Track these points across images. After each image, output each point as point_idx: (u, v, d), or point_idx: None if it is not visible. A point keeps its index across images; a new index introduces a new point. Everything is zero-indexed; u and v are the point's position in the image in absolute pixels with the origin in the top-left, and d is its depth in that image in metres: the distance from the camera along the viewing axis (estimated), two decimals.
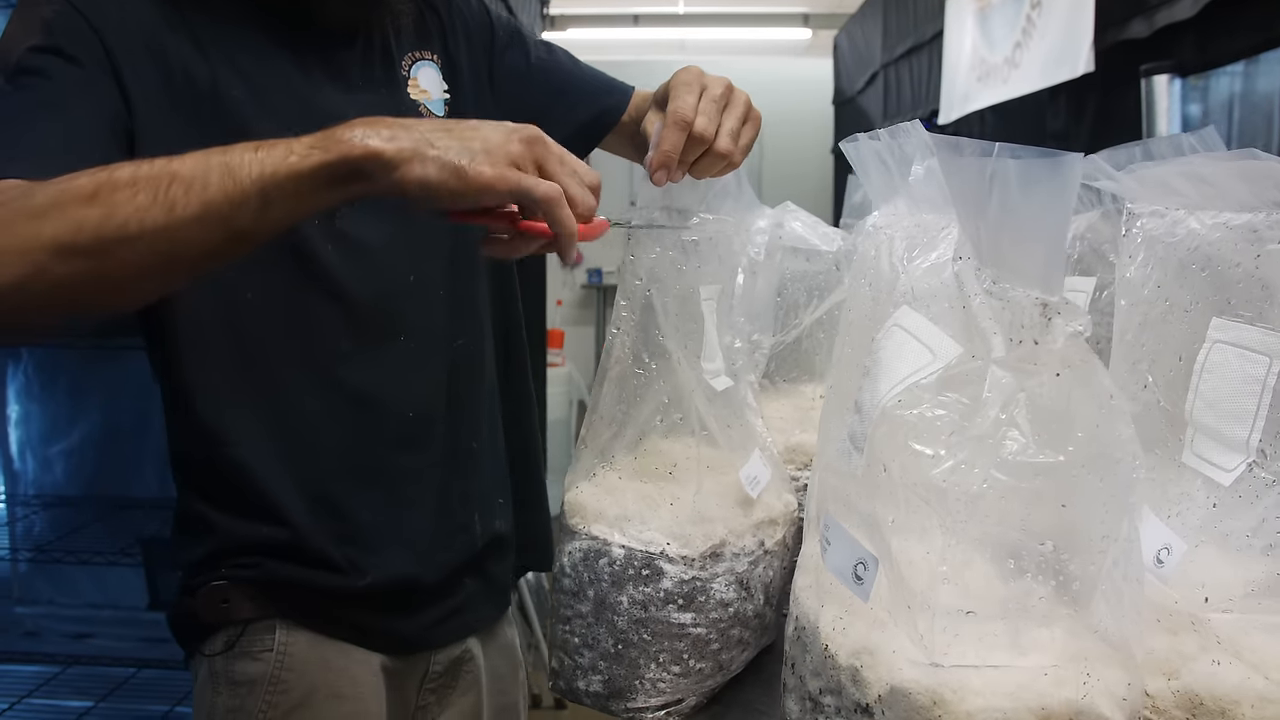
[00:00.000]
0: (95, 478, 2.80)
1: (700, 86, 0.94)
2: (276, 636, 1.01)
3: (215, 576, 1.01)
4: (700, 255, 0.97)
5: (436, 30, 1.13)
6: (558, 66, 1.22)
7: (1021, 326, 0.50)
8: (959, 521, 0.53)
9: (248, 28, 0.97)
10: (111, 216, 0.69)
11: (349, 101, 1.01)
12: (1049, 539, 0.51)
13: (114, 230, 0.69)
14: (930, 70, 3.65)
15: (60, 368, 2.81)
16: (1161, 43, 2.01)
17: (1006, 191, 0.49)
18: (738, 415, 1.00)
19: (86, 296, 0.72)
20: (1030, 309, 0.50)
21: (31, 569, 2.80)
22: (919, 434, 0.57)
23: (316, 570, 1.01)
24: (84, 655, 2.64)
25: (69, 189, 0.71)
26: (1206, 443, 0.68)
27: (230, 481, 1.00)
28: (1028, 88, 2.58)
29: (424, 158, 0.72)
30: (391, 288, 1.04)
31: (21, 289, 0.69)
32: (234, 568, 1.01)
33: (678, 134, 0.90)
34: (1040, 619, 0.54)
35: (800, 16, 7.27)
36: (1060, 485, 0.50)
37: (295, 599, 1.02)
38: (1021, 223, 0.48)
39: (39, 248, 0.69)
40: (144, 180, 0.71)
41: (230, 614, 1.01)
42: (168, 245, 0.71)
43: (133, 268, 0.72)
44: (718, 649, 0.95)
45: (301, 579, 1.01)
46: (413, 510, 1.07)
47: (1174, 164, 0.73)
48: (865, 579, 0.63)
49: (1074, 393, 0.51)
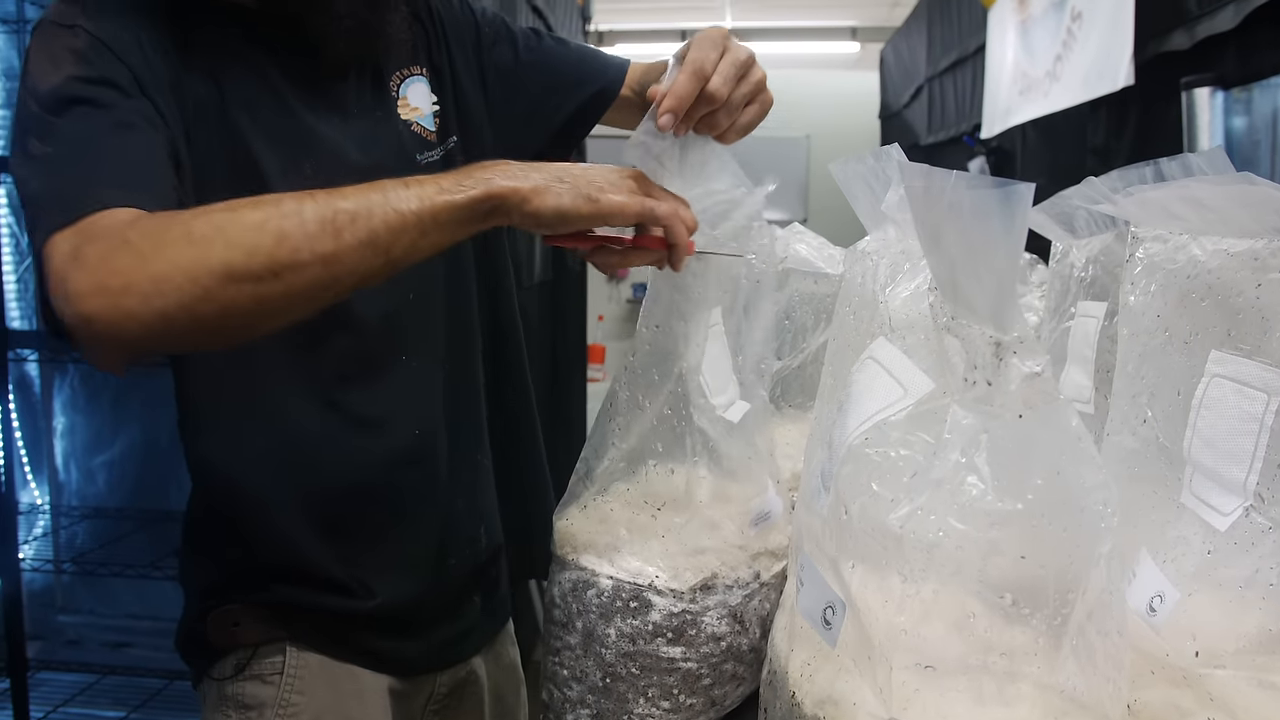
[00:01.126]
0: (135, 489, 2.85)
1: (724, 48, 0.93)
2: (286, 659, 1.00)
3: (225, 600, 1.01)
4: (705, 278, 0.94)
5: (422, 42, 1.12)
6: (547, 57, 1.21)
7: (975, 366, 0.48)
8: (916, 570, 0.50)
9: (252, 59, 0.97)
10: (283, 243, 0.72)
11: (346, 129, 1.02)
12: (1008, 591, 0.48)
13: (287, 256, 0.72)
14: (974, 84, 3.58)
15: (104, 381, 2.87)
16: (1203, 55, 1.95)
17: (961, 223, 0.46)
18: (750, 445, 0.97)
19: (250, 320, 0.75)
20: (984, 347, 0.47)
21: (73, 579, 2.85)
22: (881, 475, 0.54)
23: (326, 594, 1.01)
24: (120, 665, 2.67)
25: (236, 217, 0.73)
26: (1204, 483, 0.64)
27: (237, 505, 0.99)
28: (1068, 101, 2.52)
29: (556, 190, 0.81)
30: (393, 306, 1.03)
31: (190, 312, 0.71)
32: (244, 591, 1.00)
33: (693, 83, 0.89)
34: (1003, 675, 0.51)
35: (848, 30, 7.22)
36: (1019, 535, 0.47)
37: (305, 622, 1.01)
38: (975, 255, 0.46)
39: (207, 272, 0.71)
40: (311, 210, 0.74)
41: (240, 637, 1.01)
42: (332, 271, 0.74)
43: (298, 292, 0.74)
44: (709, 684, 0.92)
45: (311, 602, 1.01)
46: (420, 529, 1.07)
47: (1173, 187, 0.69)
48: (833, 624, 0.60)
49: (1036, 435, 0.48)
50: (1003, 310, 0.45)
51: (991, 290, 0.45)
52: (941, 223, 0.49)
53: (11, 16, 2.64)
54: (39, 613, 2.81)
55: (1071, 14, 2.47)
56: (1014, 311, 0.46)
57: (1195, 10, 1.95)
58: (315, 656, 1.01)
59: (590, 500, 0.96)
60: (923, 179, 0.52)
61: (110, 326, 0.70)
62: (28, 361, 2.79)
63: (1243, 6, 1.76)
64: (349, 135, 1.01)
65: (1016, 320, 0.46)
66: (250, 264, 0.72)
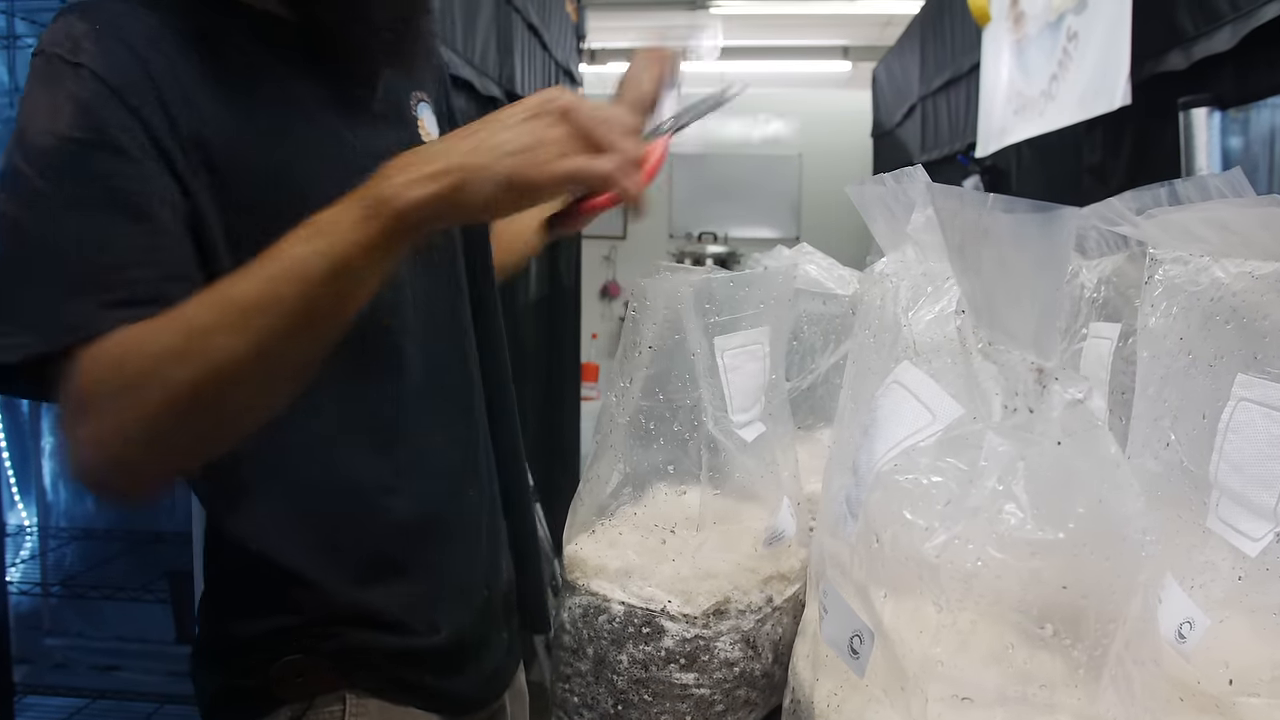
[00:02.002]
0: (125, 511, 2.82)
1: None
2: (345, 708, 0.96)
3: (281, 652, 0.95)
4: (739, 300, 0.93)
5: (430, 75, 1.13)
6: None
7: (1015, 393, 0.47)
8: (953, 599, 0.49)
9: (282, 70, 0.94)
10: (207, 368, 0.70)
11: (376, 136, 1.00)
12: (1049, 622, 0.47)
13: (214, 383, 0.71)
14: (968, 103, 3.60)
15: None
16: (1200, 75, 1.96)
17: (1000, 247, 0.45)
18: (768, 466, 0.96)
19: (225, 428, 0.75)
20: (1025, 374, 0.46)
21: (61, 601, 2.81)
22: (913, 503, 0.53)
23: (390, 634, 0.97)
24: (110, 689, 2.64)
25: (158, 350, 0.71)
26: (1232, 508, 0.63)
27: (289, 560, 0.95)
28: (1064, 121, 2.53)
29: (471, 183, 0.72)
30: (432, 330, 1.02)
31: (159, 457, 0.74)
32: (313, 639, 0.95)
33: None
34: (1042, 707, 0.49)
35: (840, 49, 7.27)
36: (1061, 565, 0.46)
37: (367, 667, 0.97)
38: (1015, 281, 0.45)
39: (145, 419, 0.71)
40: (219, 320, 0.71)
41: (305, 689, 0.96)
42: (266, 372, 0.73)
43: (244, 403, 0.74)
44: (722, 710, 0.91)
45: (376, 645, 0.97)
46: (471, 557, 1.06)
47: (1197, 209, 0.69)
48: (861, 653, 0.59)
49: (1076, 464, 0.47)
50: (1045, 337, 0.45)
51: (1034, 316, 0.44)
52: (977, 247, 0.49)
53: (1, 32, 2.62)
54: (26, 636, 2.77)
55: (1068, 34, 2.48)
56: (1054, 338, 0.45)
57: (1192, 31, 1.96)
58: (375, 702, 0.98)
59: (599, 524, 0.95)
60: (956, 202, 0.51)
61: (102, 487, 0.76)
62: None
63: (1240, 27, 1.77)
64: (380, 142, 0.99)
65: (1055, 347, 0.45)
66: (178, 398, 0.70)
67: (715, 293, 0.88)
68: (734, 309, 0.89)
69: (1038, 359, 0.46)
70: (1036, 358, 0.46)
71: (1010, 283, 0.45)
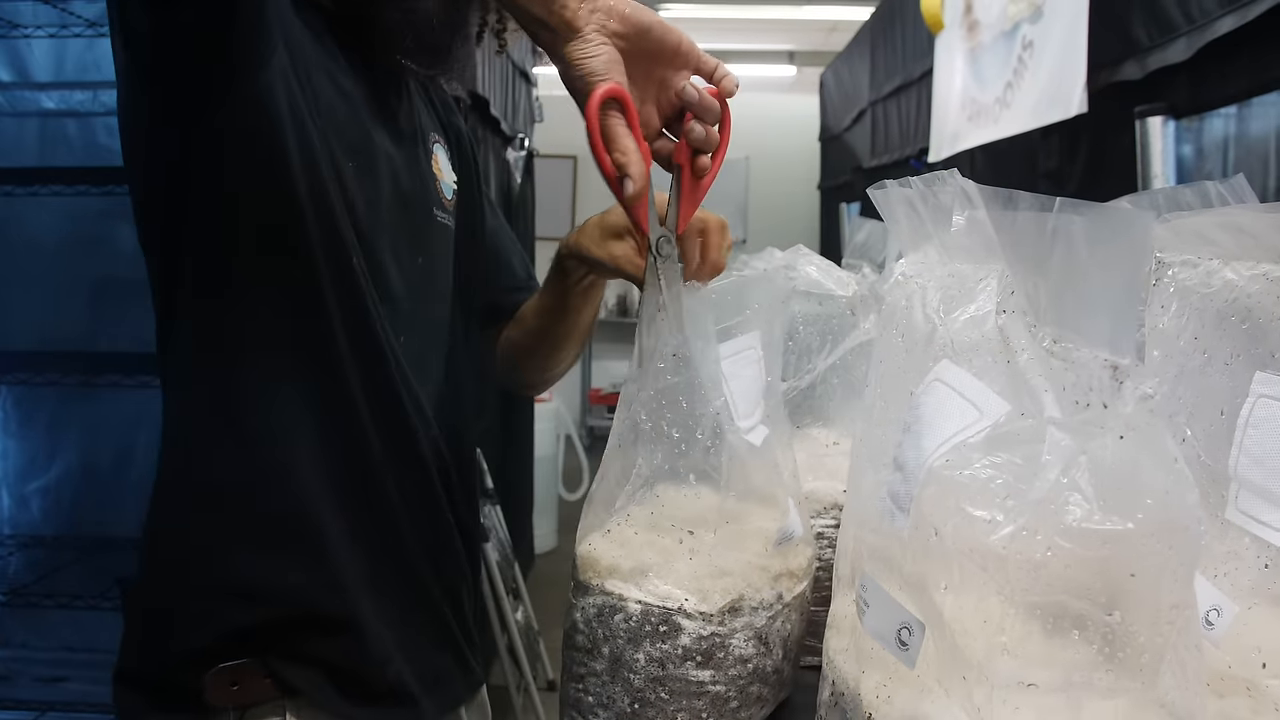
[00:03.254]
0: (73, 517, 2.74)
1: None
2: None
3: (221, 655, 0.93)
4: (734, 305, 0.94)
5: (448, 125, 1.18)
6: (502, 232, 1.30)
7: (1089, 389, 0.48)
8: (1020, 590, 0.51)
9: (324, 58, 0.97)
10: None
11: (397, 143, 1.03)
12: (1116, 609, 0.49)
13: None
14: (919, 108, 3.67)
15: (39, 404, 2.76)
16: (1155, 85, 2.03)
17: (1071, 249, 0.47)
18: (772, 466, 0.97)
19: None
20: (1099, 371, 0.48)
21: (4, 611, 2.72)
22: (972, 496, 0.55)
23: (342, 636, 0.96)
24: (58, 701, 2.56)
25: None
26: (1253, 500, 0.66)
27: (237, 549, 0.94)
28: (1019, 127, 2.59)
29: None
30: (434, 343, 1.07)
31: None
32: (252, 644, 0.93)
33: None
34: (1104, 691, 0.51)
35: (786, 54, 7.36)
36: (1129, 553, 0.48)
37: (314, 675, 0.95)
38: (1088, 282, 0.47)
39: None
40: None
41: (241, 697, 0.93)
42: None
43: None
44: (736, 707, 0.92)
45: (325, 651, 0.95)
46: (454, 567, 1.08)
47: (1210, 214, 0.71)
48: (910, 645, 0.60)
49: (1139, 457, 0.49)
50: (1122, 335, 0.46)
51: (1110, 315, 0.46)
52: (1041, 248, 0.50)
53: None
54: None
55: (1023, 42, 2.55)
56: (1131, 337, 0.47)
57: (1147, 42, 2.03)
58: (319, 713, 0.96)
59: (613, 525, 0.95)
60: (1012, 204, 0.53)
61: None
62: None
63: (1195, 40, 1.84)
64: (399, 152, 1.01)
65: (1132, 346, 0.47)
66: None
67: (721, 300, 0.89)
68: (731, 315, 0.91)
69: (1114, 356, 0.47)
70: (1112, 355, 0.47)
71: (1083, 283, 0.47)
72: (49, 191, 2.36)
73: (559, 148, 7.23)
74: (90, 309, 2.65)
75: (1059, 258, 0.48)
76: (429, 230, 1.09)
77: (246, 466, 0.93)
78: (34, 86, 2.65)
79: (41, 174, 2.40)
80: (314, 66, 0.94)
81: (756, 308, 0.96)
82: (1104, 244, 0.45)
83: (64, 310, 2.65)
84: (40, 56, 2.63)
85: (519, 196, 3.90)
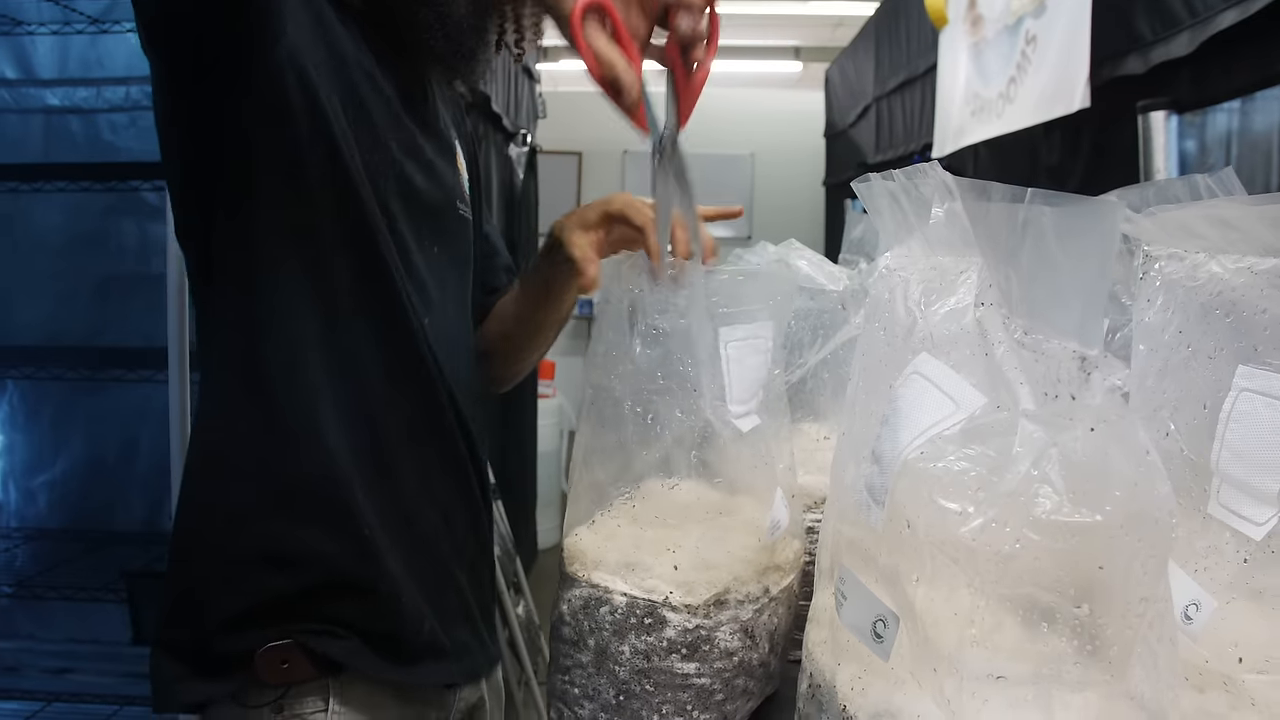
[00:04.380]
0: (79, 510, 2.76)
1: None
2: (330, 698, 0.97)
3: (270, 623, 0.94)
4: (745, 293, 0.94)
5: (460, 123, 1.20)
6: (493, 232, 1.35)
7: (1058, 380, 0.48)
8: (989, 582, 0.51)
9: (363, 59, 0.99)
10: None
11: (425, 136, 1.06)
12: (1085, 601, 0.48)
13: None
14: (923, 104, 3.66)
15: (45, 398, 2.77)
16: (1158, 79, 2.02)
17: (1041, 240, 0.47)
18: (762, 457, 0.97)
19: None
20: (1068, 362, 0.48)
21: (11, 603, 2.74)
22: (945, 488, 0.55)
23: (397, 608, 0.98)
24: (64, 692, 2.58)
25: None
26: (1234, 494, 0.66)
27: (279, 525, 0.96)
28: (1023, 123, 2.58)
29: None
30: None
31: None
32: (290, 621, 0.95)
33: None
34: (1074, 684, 0.51)
35: (791, 49, 7.33)
36: (1098, 546, 0.48)
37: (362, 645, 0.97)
38: (1058, 273, 0.46)
39: None
40: None
41: (290, 675, 0.95)
42: None
43: None
44: (722, 699, 0.92)
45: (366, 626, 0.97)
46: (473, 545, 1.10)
47: (1196, 207, 0.71)
48: (885, 637, 0.60)
49: (1109, 449, 0.49)
50: (1089, 326, 0.46)
51: (1078, 306, 0.46)
52: (1014, 240, 0.50)
53: None
54: None
55: (1026, 37, 2.54)
56: (1099, 328, 0.46)
57: (1150, 36, 2.02)
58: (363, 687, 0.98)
59: (597, 516, 0.96)
60: (985, 196, 0.53)
61: None
62: None
63: (1198, 33, 1.83)
64: (425, 146, 1.05)
65: (1100, 336, 0.47)
66: None
67: (722, 285, 0.89)
68: (738, 302, 0.90)
69: (1082, 348, 0.47)
70: (1080, 346, 0.47)
71: (1053, 274, 0.47)
72: (53, 188, 2.37)
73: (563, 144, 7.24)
74: (95, 304, 2.66)
75: (1029, 249, 0.48)
76: (457, 223, 1.13)
77: (276, 436, 0.95)
78: (38, 83, 2.66)
79: (46, 170, 2.41)
80: (352, 65, 0.96)
81: (776, 299, 0.96)
82: (1072, 236, 0.45)
83: (69, 305, 2.66)
84: (44, 53, 2.64)
85: (521, 192, 3.90)
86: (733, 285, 0.89)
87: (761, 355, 0.92)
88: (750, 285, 0.90)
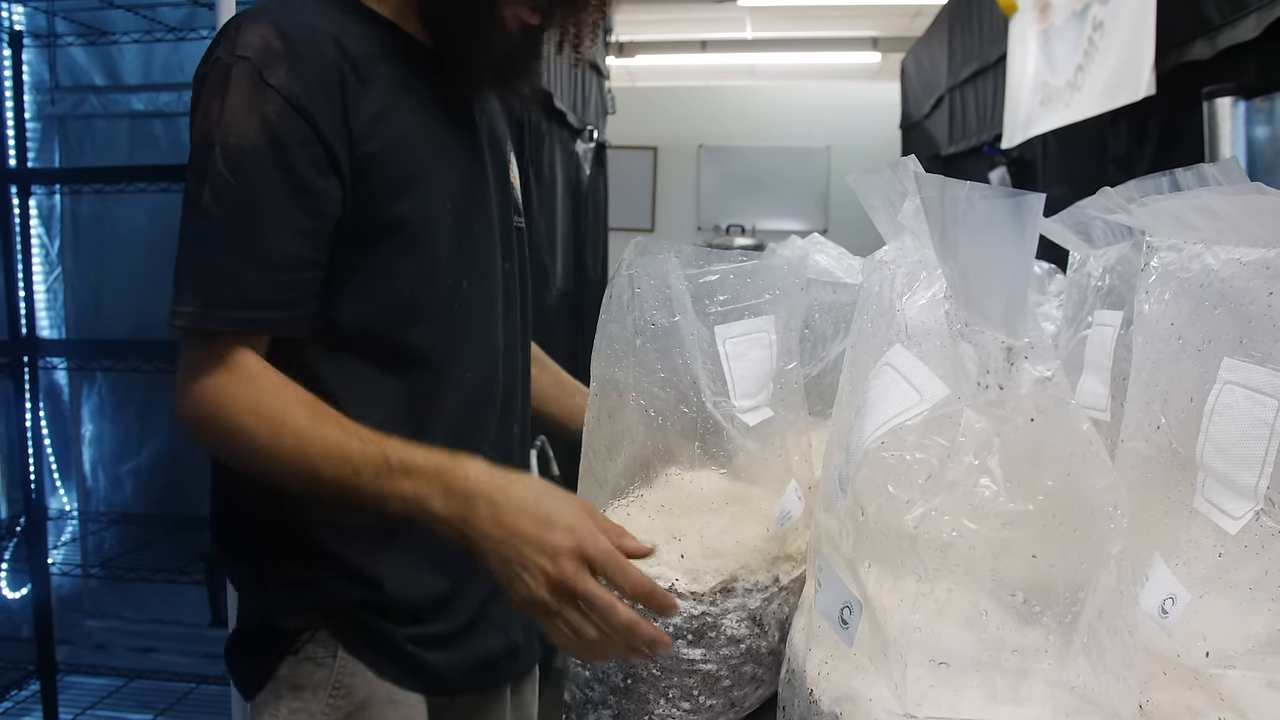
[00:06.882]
0: (162, 496, 2.89)
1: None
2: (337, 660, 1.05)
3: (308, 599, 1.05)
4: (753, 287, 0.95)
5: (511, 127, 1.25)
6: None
7: (987, 371, 0.49)
8: (931, 569, 0.52)
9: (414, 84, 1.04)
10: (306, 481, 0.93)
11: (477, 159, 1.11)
12: (1019, 590, 0.49)
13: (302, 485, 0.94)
14: (995, 94, 3.59)
15: (132, 389, 2.91)
16: (1225, 64, 1.95)
17: (974, 232, 0.48)
18: (774, 449, 0.98)
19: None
20: (996, 352, 0.48)
21: (100, 584, 2.89)
22: (897, 477, 0.56)
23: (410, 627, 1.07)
24: (147, 669, 2.71)
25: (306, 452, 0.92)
26: (1217, 488, 0.65)
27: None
28: (1089, 111, 2.52)
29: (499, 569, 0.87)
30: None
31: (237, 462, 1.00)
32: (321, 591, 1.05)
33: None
34: (1016, 672, 0.52)
35: (869, 40, 7.23)
36: (1030, 535, 0.49)
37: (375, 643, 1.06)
38: (987, 264, 0.47)
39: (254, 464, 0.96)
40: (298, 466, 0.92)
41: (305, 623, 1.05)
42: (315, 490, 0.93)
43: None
44: (729, 685, 0.93)
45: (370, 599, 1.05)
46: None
47: (1186, 197, 0.70)
48: (850, 623, 0.61)
49: (1047, 439, 0.49)
50: (1014, 316, 0.47)
51: (1003, 297, 0.47)
52: (956, 232, 0.51)
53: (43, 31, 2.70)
54: (67, 617, 2.85)
55: (1093, 24, 2.47)
56: (1025, 317, 0.47)
57: (1217, 20, 1.95)
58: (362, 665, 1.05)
59: (607, 505, 0.98)
60: (938, 189, 0.54)
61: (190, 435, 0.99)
62: (57, 370, 2.84)
63: (1264, 16, 1.76)
64: (491, 174, 1.11)
65: (1028, 326, 0.48)
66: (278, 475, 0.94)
67: (714, 283, 0.90)
68: (735, 298, 0.92)
69: (1008, 338, 0.48)
70: (1007, 337, 0.48)
71: (985, 265, 0.48)
72: (135, 189, 2.48)
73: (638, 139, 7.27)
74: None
75: (965, 242, 0.49)
76: (513, 236, 1.18)
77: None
78: (124, 89, 2.79)
79: (129, 172, 2.53)
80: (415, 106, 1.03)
81: (777, 293, 0.97)
82: (996, 227, 0.46)
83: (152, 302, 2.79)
84: (129, 61, 2.77)
85: (589, 188, 3.94)
86: (726, 284, 0.90)
87: (764, 349, 0.93)
88: (749, 281, 0.91)
